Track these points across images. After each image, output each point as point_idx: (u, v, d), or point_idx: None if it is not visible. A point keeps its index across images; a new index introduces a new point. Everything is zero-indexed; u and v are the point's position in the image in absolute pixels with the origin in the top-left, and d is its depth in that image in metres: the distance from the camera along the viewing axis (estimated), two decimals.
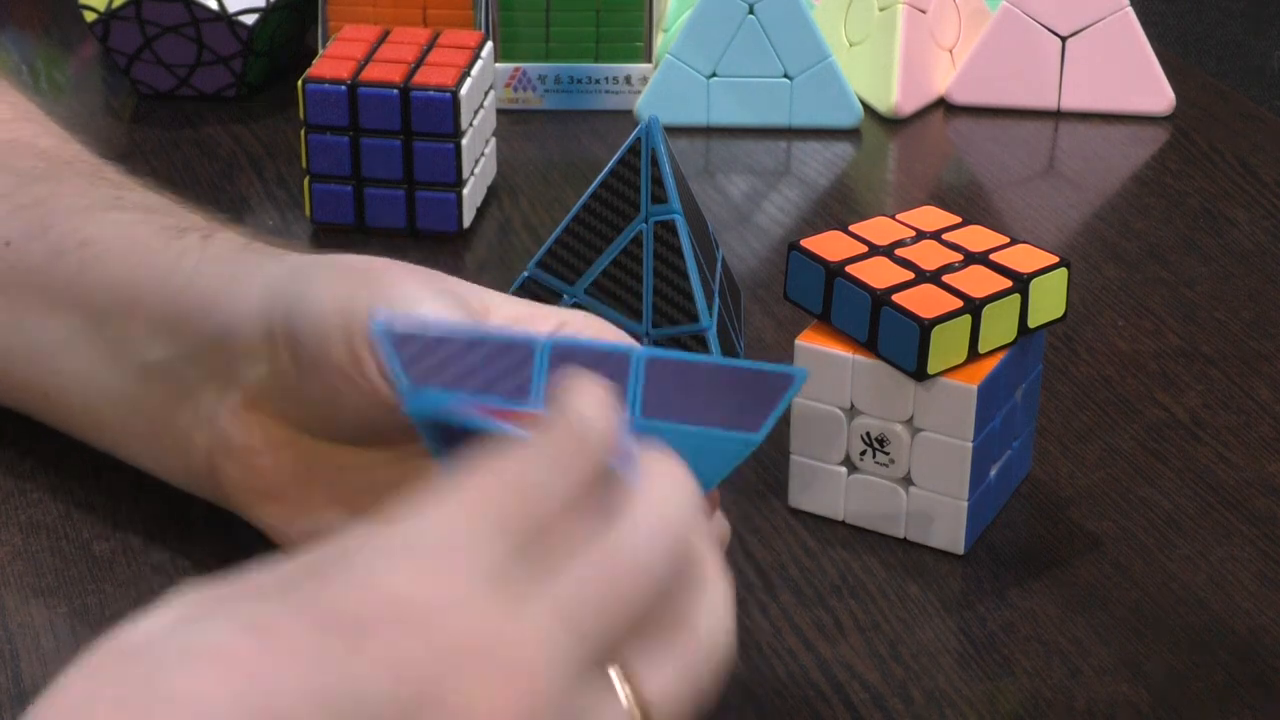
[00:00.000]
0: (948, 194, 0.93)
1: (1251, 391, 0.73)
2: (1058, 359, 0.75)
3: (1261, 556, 0.63)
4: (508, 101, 0.99)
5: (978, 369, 0.61)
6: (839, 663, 0.57)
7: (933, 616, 0.60)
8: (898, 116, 0.99)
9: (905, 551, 0.63)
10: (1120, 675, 0.57)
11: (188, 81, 0.99)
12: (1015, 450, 0.65)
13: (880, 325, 0.60)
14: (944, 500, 0.62)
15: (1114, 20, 0.99)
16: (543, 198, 0.90)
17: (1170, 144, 0.98)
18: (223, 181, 0.91)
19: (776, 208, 0.91)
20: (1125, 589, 0.61)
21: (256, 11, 0.97)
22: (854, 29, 1.02)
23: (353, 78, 0.82)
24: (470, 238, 0.85)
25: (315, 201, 0.84)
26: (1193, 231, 0.87)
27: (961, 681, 0.57)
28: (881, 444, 0.62)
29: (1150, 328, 0.78)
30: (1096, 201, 0.93)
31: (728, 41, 0.96)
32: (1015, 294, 0.61)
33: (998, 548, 0.63)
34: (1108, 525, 0.64)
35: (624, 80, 0.99)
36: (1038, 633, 0.59)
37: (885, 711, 0.55)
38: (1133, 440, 0.69)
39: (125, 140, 0.95)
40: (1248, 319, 0.79)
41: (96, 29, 0.97)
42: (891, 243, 0.63)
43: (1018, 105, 1.01)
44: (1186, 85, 1.03)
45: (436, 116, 0.82)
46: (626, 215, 0.68)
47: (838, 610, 0.60)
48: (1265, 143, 0.98)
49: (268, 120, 0.98)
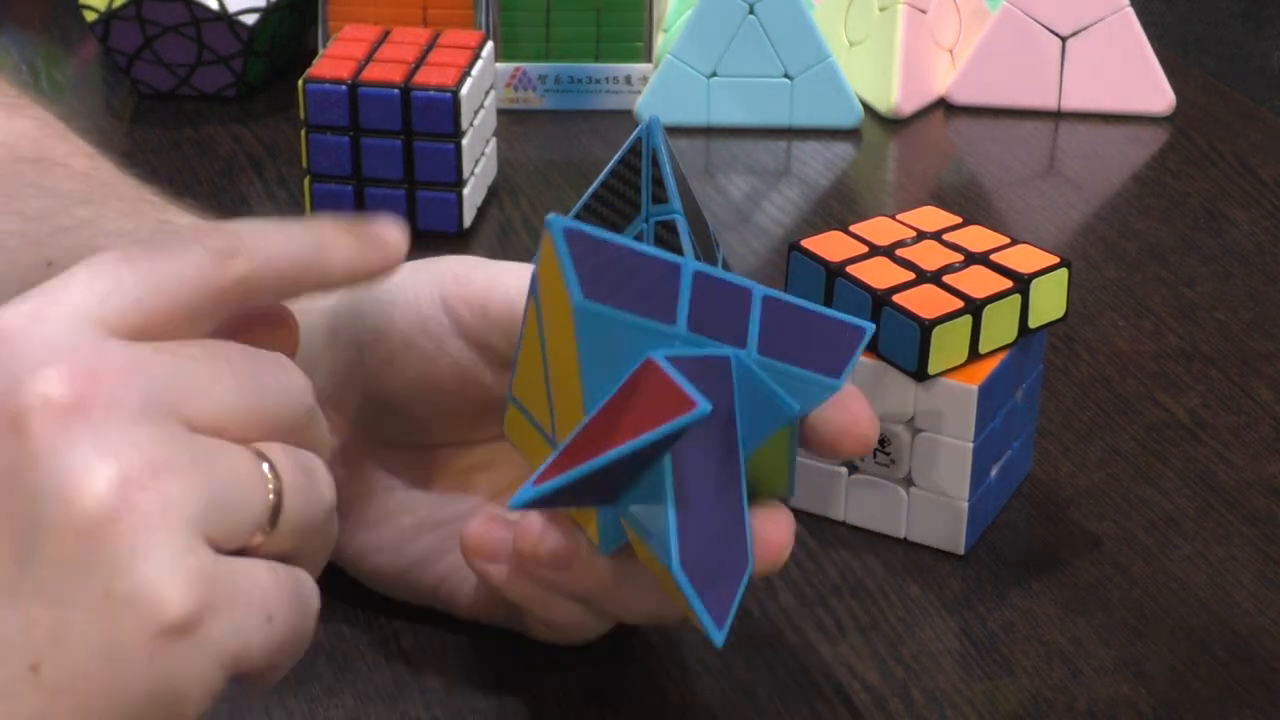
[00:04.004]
0: (948, 194, 0.93)
1: (1251, 391, 0.73)
2: (1058, 359, 0.75)
3: (1261, 556, 0.63)
4: (508, 101, 0.99)
5: (978, 369, 0.61)
6: (839, 663, 0.57)
7: (933, 616, 0.60)
8: (898, 116, 0.99)
9: (905, 551, 0.63)
10: (1120, 675, 0.57)
11: (188, 81, 0.99)
12: (1015, 450, 0.65)
13: (881, 325, 0.60)
14: (944, 500, 0.62)
15: (1114, 20, 0.99)
16: (543, 198, 0.90)
17: (1170, 144, 0.98)
18: (223, 181, 0.91)
19: (776, 208, 0.91)
20: (1125, 589, 0.61)
21: (257, 11, 0.97)
22: (854, 29, 1.02)
23: (353, 78, 0.82)
24: (471, 238, 0.85)
25: (315, 201, 0.84)
26: (1193, 231, 0.87)
27: (962, 681, 0.57)
28: (882, 444, 0.62)
29: (1150, 328, 0.78)
30: (1096, 201, 0.93)
31: (728, 41, 0.96)
32: (1016, 294, 0.61)
33: (998, 548, 0.63)
34: (1108, 525, 0.64)
35: (624, 80, 0.99)
36: (1038, 633, 0.59)
37: (885, 711, 0.55)
38: (1133, 440, 0.70)
39: (125, 140, 0.95)
40: (1248, 319, 0.79)
41: (96, 29, 0.97)
42: (892, 243, 0.63)
43: (1018, 105, 1.01)
44: (1186, 85, 1.03)
45: (437, 116, 0.82)
46: (627, 215, 0.67)
47: (838, 610, 0.60)
48: (1265, 143, 0.98)
49: (268, 120, 0.98)
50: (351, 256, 0.49)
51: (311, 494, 0.45)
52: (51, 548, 0.40)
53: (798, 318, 0.51)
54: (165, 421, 0.42)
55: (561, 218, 0.49)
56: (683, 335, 0.49)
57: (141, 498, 0.40)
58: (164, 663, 0.40)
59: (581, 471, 0.47)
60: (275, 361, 0.46)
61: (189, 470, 0.41)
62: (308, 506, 0.45)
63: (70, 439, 0.41)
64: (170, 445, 0.42)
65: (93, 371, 0.42)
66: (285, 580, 0.43)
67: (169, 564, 0.40)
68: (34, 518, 0.40)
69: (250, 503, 0.43)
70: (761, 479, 0.51)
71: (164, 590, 0.40)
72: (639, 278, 0.49)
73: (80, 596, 0.40)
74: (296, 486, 0.44)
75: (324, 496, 0.46)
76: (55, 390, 0.41)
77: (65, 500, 0.40)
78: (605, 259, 0.49)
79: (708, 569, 0.47)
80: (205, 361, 0.44)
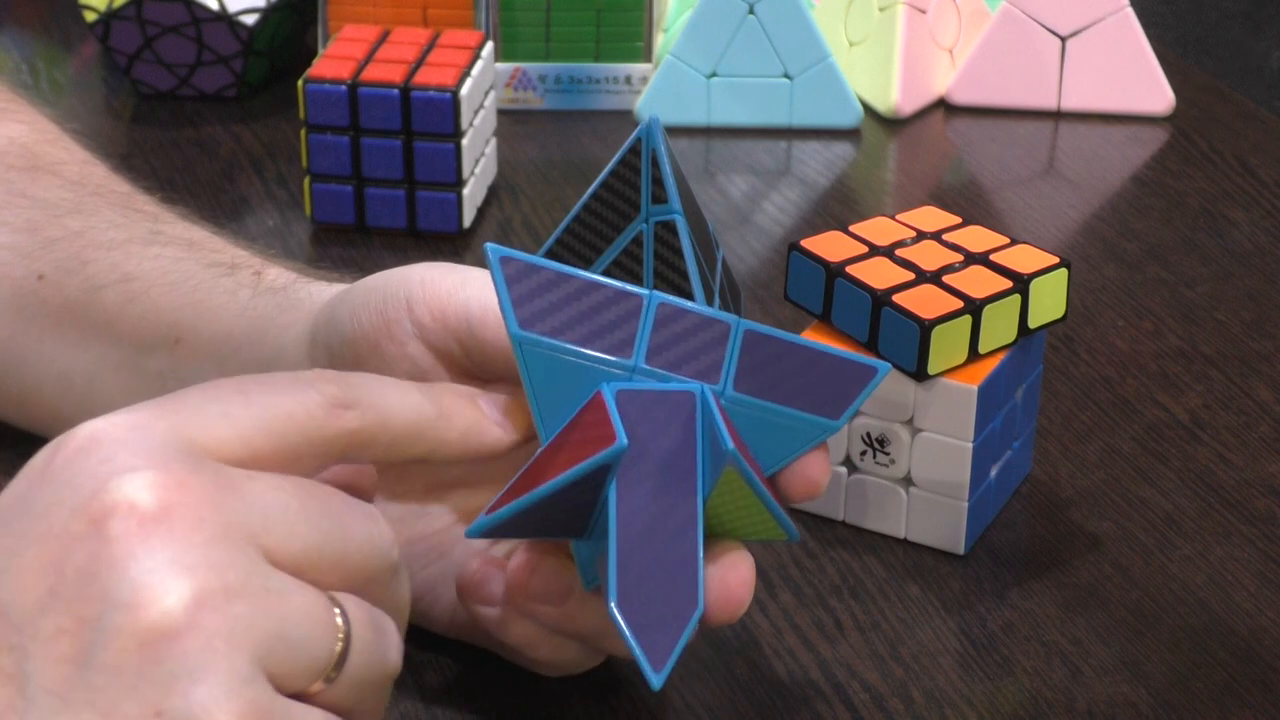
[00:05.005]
0: (948, 194, 0.93)
1: (1251, 392, 0.73)
2: (1058, 359, 0.75)
3: (1261, 556, 0.63)
4: (508, 101, 0.99)
5: (978, 369, 0.61)
6: (839, 663, 0.57)
7: (933, 616, 0.60)
8: (898, 116, 0.99)
9: (905, 551, 0.63)
10: (1120, 675, 0.57)
11: (188, 81, 0.99)
12: (1015, 450, 0.65)
13: (881, 325, 0.60)
14: (944, 500, 0.62)
15: (1114, 20, 0.99)
16: (543, 198, 0.90)
17: (1170, 144, 0.98)
18: (223, 181, 0.91)
19: (776, 208, 0.91)
20: (1125, 589, 0.61)
21: (257, 11, 0.97)
22: (854, 29, 1.02)
23: (353, 78, 0.82)
24: (470, 238, 0.85)
25: (315, 201, 0.84)
26: (1193, 231, 0.87)
27: (961, 681, 0.57)
28: (882, 444, 0.62)
29: (1150, 328, 0.78)
30: (1096, 201, 0.93)
31: (728, 41, 0.96)
32: (1015, 294, 0.61)
33: (998, 548, 0.63)
34: (1108, 525, 0.64)
35: (624, 80, 0.99)
36: (1038, 633, 0.59)
37: (885, 711, 0.55)
38: (1133, 440, 0.70)
39: (125, 140, 0.95)
40: (1248, 319, 0.79)
41: (97, 29, 0.97)
42: (892, 243, 0.63)
43: (1018, 105, 1.01)
44: (1186, 85, 1.03)
45: (437, 116, 0.82)
46: (626, 215, 0.67)
47: (838, 610, 0.60)
48: (1265, 143, 0.98)
49: (268, 120, 0.98)
50: (469, 429, 0.49)
51: (378, 652, 0.44)
52: (112, 655, 0.39)
53: (791, 354, 0.50)
54: (246, 548, 0.41)
55: (499, 246, 0.48)
56: (641, 368, 0.48)
57: (210, 619, 0.40)
58: None
59: (521, 505, 0.46)
60: (366, 512, 0.45)
61: (262, 600, 0.41)
62: (372, 663, 0.43)
63: (149, 548, 0.40)
64: (247, 572, 0.41)
65: (182, 485, 0.41)
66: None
67: (225, 691, 0.39)
68: (100, 623, 0.39)
69: (317, 646, 0.42)
70: (732, 521, 0.49)
71: (216, 717, 0.39)
72: (591, 308, 0.48)
73: (131, 710, 0.39)
74: (366, 640, 0.43)
75: (391, 659, 0.45)
76: (141, 497, 0.40)
77: (134, 608, 0.39)
78: (547, 288, 0.48)
79: (651, 608, 0.46)
80: (296, 498, 0.43)
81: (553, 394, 0.48)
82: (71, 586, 0.40)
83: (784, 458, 0.50)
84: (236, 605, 0.40)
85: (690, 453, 0.48)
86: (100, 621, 0.39)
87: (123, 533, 0.40)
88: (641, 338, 0.48)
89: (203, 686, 0.39)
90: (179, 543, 0.40)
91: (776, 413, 0.49)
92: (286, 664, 0.41)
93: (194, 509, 0.41)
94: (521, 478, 0.47)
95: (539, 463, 0.47)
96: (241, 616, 0.40)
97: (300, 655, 0.41)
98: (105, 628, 0.39)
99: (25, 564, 0.40)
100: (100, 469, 0.41)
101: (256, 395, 0.44)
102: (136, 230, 0.63)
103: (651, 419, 0.47)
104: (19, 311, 0.62)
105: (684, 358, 0.49)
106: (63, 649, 0.39)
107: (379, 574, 0.45)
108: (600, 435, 0.46)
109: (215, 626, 0.40)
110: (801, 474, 0.51)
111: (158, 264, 0.61)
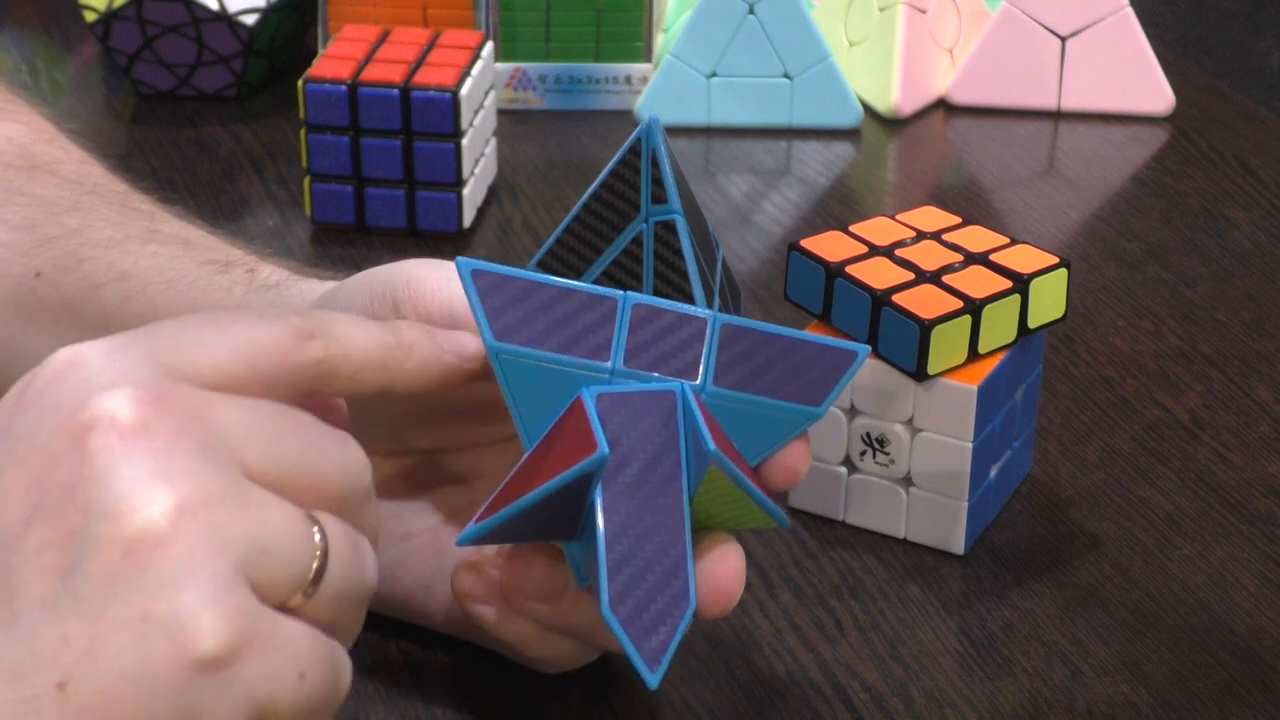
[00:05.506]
0: (948, 194, 0.93)
1: (1251, 392, 0.73)
2: (1058, 359, 0.75)
3: (1261, 556, 0.63)
4: (508, 101, 0.99)
5: (978, 369, 0.61)
6: (839, 663, 0.57)
7: (933, 616, 0.60)
8: (898, 116, 0.99)
9: (905, 551, 0.63)
10: (1120, 675, 0.57)
11: (188, 81, 0.99)
12: (1015, 450, 0.65)
13: (880, 325, 0.60)
14: (944, 500, 0.62)
15: (1114, 20, 0.99)
16: (543, 198, 0.90)
17: (1170, 144, 0.98)
18: (223, 181, 0.91)
19: (776, 208, 0.91)
20: (1125, 589, 0.61)
21: (256, 11, 0.97)
22: (854, 29, 1.02)
23: (353, 78, 0.82)
24: (470, 238, 0.85)
25: (315, 201, 0.84)
26: (1193, 232, 0.87)
27: (961, 681, 0.57)
28: (881, 444, 0.62)
29: (1150, 328, 0.78)
30: (1096, 201, 0.93)
31: (728, 41, 0.96)
32: (1015, 294, 0.61)
33: (998, 548, 0.63)
34: (1108, 525, 0.64)
35: (624, 80, 0.99)
36: (1038, 633, 0.59)
37: (885, 711, 0.55)
38: (1133, 440, 0.70)
39: (125, 140, 0.95)
40: (1248, 319, 0.79)
41: (96, 29, 0.97)
42: (892, 243, 0.63)
43: (1018, 105, 1.01)
44: (1186, 85, 1.03)
45: (437, 116, 0.82)
46: (626, 215, 0.67)
47: (838, 610, 0.60)
48: (1265, 143, 0.98)
49: (268, 120, 0.98)
50: (426, 358, 0.49)
51: (356, 568, 0.44)
52: (96, 564, 0.40)
53: (770, 344, 0.50)
54: (226, 462, 0.42)
55: (470, 260, 0.49)
56: (619, 370, 0.49)
57: (192, 526, 0.40)
58: (191, 696, 0.40)
59: (508, 513, 0.47)
60: (340, 437, 0.46)
61: (242, 510, 0.41)
62: (350, 578, 0.44)
63: (130, 459, 0.40)
64: (228, 483, 0.41)
65: (161, 400, 0.42)
66: (321, 644, 0.43)
67: (210, 595, 0.40)
68: (84, 533, 0.40)
69: (296, 559, 0.42)
70: (720, 513, 0.50)
71: (202, 620, 0.40)
72: (565, 314, 0.48)
73: (118, 616, 0.40)
74: (343, 556, 0.44)
75: (367, 575, 0.45)
76: (122, 411, 0.41)
77: (116, 517, 0.40)
78: (521, 298, 0.48)
79: (645, 609, 0.46)
80: (274, 418, 0.44)
81: (533, 402, 0.48)
82: (55, 500, 0.40)
83: (769, 447, 0.50)
84: (218, 514, 0.41)
85: (673, 452, 0.48)
86: (84, 532, 0.40)
87: (104, 446, 0.41)
88: (618, 340, 0.49)
89: (188, 592, 0.40)
90: (160, 454, 0.41)
91: (759, 404, 0.50)
92: (267, 574, 0.42)
93: (174, 423, 0.41)
94: (508, 486, 0.48)
95: (524, 470, 0.48)
96: (223, 525, 0.41)
97: (280, 566, 0.42)
98: (89, 538, 0.40)
99: (8, 484, 0.41)
100: (80, 388, 0.42)
101: (228, 325, 0.45)
102: (133, 229, 0.63)
103: (633, 421, 0.47)
104: (17, 309, 0.62)
105: (662, 357, 0.49)
106: (48, 561, 0.40)
107: (354, 495, 0.45)
108: (582, 444, 0.46)
109: (198, 534, 0.40)
110: (781, 464, 0.51)
111: (154, 262, 0.62)
